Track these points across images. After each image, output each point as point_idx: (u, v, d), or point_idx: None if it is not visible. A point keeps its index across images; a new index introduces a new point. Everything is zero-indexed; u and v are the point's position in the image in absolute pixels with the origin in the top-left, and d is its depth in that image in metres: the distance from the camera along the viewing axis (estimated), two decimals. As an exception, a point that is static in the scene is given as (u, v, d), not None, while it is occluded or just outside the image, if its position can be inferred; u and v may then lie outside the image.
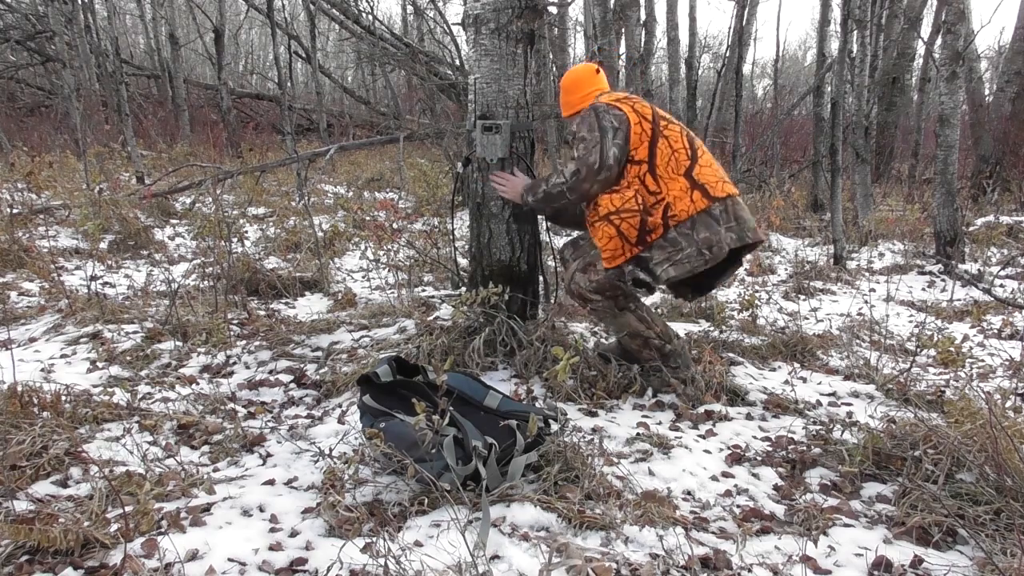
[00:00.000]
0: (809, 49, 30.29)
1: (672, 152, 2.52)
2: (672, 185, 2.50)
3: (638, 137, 2.51)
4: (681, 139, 2.56)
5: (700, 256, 2.48)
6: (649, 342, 2.70)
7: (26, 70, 12.04)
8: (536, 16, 2.81)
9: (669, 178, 2.51)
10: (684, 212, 2.48)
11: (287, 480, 2.00)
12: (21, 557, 1.58)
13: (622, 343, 2.76)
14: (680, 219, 2.48)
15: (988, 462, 1.88)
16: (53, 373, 2.73)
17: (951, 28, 5.03)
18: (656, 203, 2.51)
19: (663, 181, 2.51)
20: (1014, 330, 3.65)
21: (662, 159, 2.51)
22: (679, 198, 2.49)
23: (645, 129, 2.52)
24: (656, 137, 2.52)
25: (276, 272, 4.17)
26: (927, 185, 8.59)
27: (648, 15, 8.18)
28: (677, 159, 2.52)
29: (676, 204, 2.49)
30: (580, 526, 1.76)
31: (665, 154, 2.52)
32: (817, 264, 5.13)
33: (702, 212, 2.48)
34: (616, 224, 2.52)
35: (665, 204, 2.50)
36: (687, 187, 2.50)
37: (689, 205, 2.48)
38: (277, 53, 8.52)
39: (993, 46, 22.10)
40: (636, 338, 2.70)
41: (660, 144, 2.52)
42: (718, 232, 2.47)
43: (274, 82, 18.13)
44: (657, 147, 2.52)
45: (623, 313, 2.68)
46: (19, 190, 5.75)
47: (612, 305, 2.67)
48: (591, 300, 2.69)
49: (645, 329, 2.69)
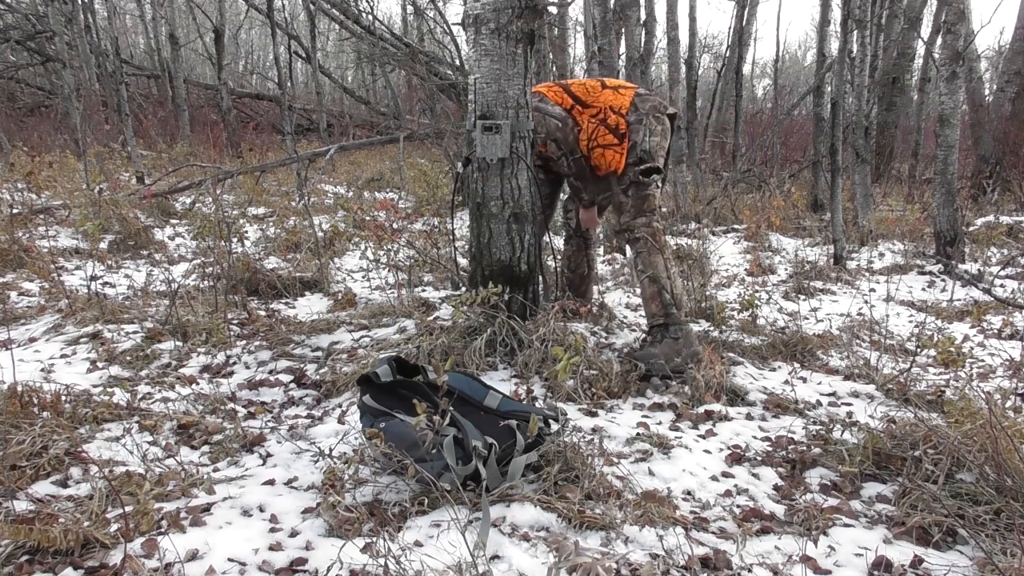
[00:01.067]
0: (809, 49, 30.31)
1: (585, 87, 3.14)
2: (601, 98, 3.09)
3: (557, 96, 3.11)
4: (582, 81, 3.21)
5: (658, 120, 3.05)
6: (662, 295, 2.95)
7: (26, 70, 12.04)
8: (536, 16, 2.81)
9: (595, 98, 3.09)
10: (623, 103, 3.06)
11: (287, 480, 2.00)
12: (21, 557, 1.58)
13: (643, 286, 3.05)
14: (625, 106, 3.05)
15: (988, 462, 1.88)
16: (53, 373, 2.73)
17: (951, 28, 5.03)
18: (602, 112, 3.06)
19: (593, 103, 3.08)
20: (1014, 330, 3.65)
21: (582, 94, 3.10)
22: (612, 100, 3.07)
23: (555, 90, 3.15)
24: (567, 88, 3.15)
25: (276, 272, 4.16)
26: (927, 185, 8.59)
27: (648, 15, 8.17)
28: (591, 87, 3.12)
29: (615, 103, 3.06)
30: (580, 526, 1.76)
31: (581, 90, 3.12)
32: (817, 264, 5.13)
33: (634, 96, 3.07)
34: (597, 144, 3.05)
35: (607, 107, 3.06)
36: (612, 93, 3.09)
37: (621, 98, 3.07)
38: (277, 53, 8.52)
39: (993, 46, 22.11)
40: (654, 284, 2.97)
41: (574, 87, 3.14)
42: (654, 99, 3.09)
43: (274, 82, 18.13)
44: (572, 90, 3.12)
45: (658, 252, 3.00)
46: (19, 190, 5.75)
47: (654, 234, 3.01)
48: (636, 227, 3.03)
49: (666, 279, 2.97)
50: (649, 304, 2.99)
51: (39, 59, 11.21)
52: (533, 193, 3.01)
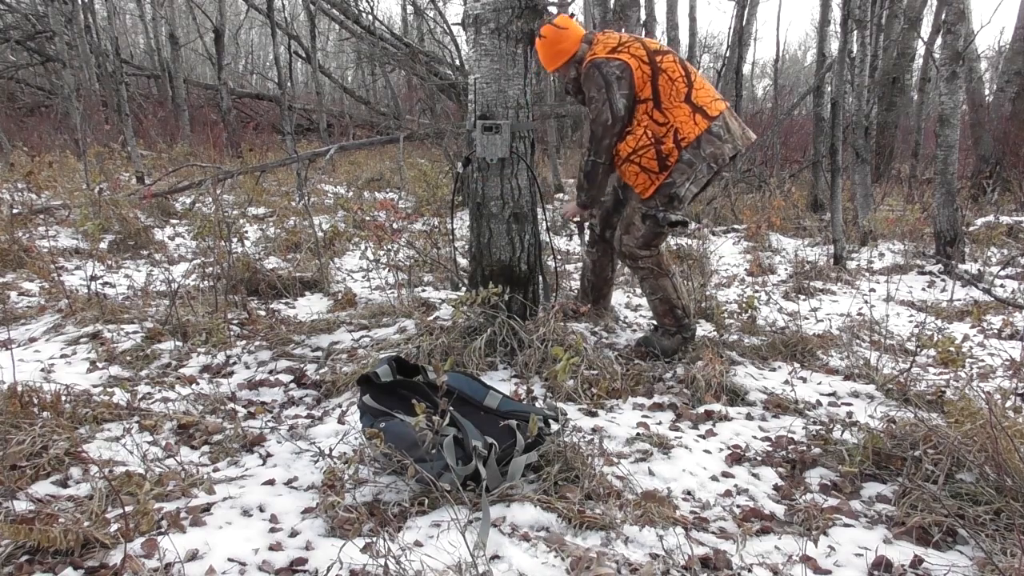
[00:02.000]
0: (809, 49, 30.31)
1: (672, 83, 2.81)
2: (676, 113, 2.81)
3: (641, 80, 2.78)
4: (677, 68, 2.84)
5: (709, 169, 2.84)
6: (674, 311, 3.03)
7: (26, 70, 12.04)
8: (536, 16, 2.81)
9: (673, 107, 2.81)
10: (691, 134, 2.79)
11: (287, 480, 2.00)
12: (21, 557, 1.58)
13: (653, 304, 3.07)
14: (689, 140, 2.79)
15: (988, 462, 1.88)
16: (53, 373, 2.73)
17: (951, 28, 5.03)
18: (666, 132, 2.81)
19: (668, 111, 2.81)
20: (1014, 330, 3.65)
21: (664, 92, 2.80)
22: (684, 123, 2.80)
23: (645, 71, 2.79)
24: (656, 74, 2.79)
25: (276, 272, 4.16)
26: (927, 185, 8.59)
27: (648, 15, 8.18)
28: (677, 88, 2.81)
29: (683, 128, 2.80)
30: (580, 526, 1.76)
31: (667, 87, 2.80)
32: (817, 264, 5.13)
33: (705, 132, 2.80)
34: (637, 162, 2.84)
35: (674, 130, 2.80)
36: (690, 112, 2.81)
37: (693, 127, 2.80)
38: (277, 53, 8.52)
39: (993, 46, 22.12)
40: (665, 303, 3.02)
41: (661, 79, 2.79)
42: (720, 146, 2.82)
43: (274, 82, 18.13)
44: (659, 82, 2.79)
45: (664, 277, 3.01)
46: (19, 190, 5.75)
47: (659, 263, 2.99)
48: (640, 256, 2.98)
49: (676, 298, 3.02)
50: (662, 319, 3.06)
51: (39, 59, 11.21)
52: (533, 193, 3.01)
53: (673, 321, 3.03)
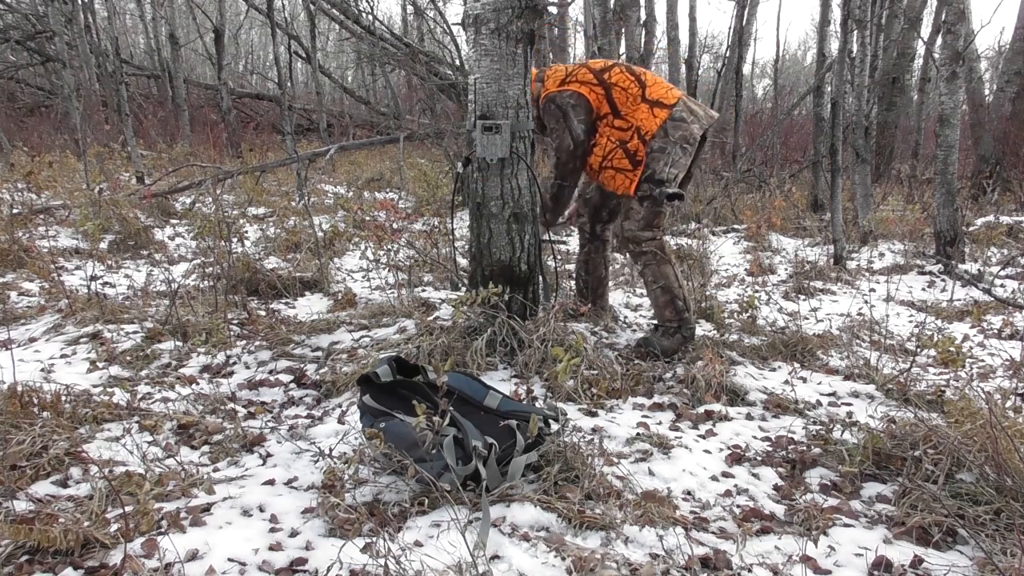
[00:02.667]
0: (809, 49, 30.30)
1: (625, 91, 2.99)
2: (636, 114, 2.97)
3: (596, 101, 3.00)
4: (626, 76, 3.01)
5: (683, 150, 2.94)
6: (675, 303, 3.03)
7: (26, 70, 12.04)
8: (536, 16, 2.81)
9: (631, 111, 2.98)
10: (652, 127, 2.93)
11: (287, 480, 2.00)
12: (21, 557, 1.58)
13: (654, 295, 3.08)
14: (652, 132, 2.93)
15: (988, 462, 1.88)
16: (53, 373, 2.73)
17: (951, 28, 5.03)
18: (630, 133, 2.96)
19: (628, 116, 2.98)
20: (1014, 330, 3.65)
21: (620, 102, 2.98)
22: (644, 120, 2.95)
23: (598, 92, 3.00)
24: (608, 90, 2.99)
25: (276, 272, 4.16)
26: (927, 185, 8.59)
27: (648, 15, 8.18)
28: (631, 94, 2.98)
29: (644, 124, 2.94)
30: (580, 526, 1.76)
31: (621, 97, 2.99)
32: (817, 264, 5.13)
33: (667, 120, 2.93)
34: (609, 166, 3.01)
35: (635, 129, 2.95)
36: (647, 109, 2.96)
37: (654, 121, 2.93)
38: (277, 53, 8.51)
39: (993, 46, 22.10)
40: (667, 293, 3.03)
41: (614, 92, 2.99)
42: (687, 127, 2.94)
43: (274, 82, 18.13)
44: (613, 96, 2.98)
45: (667, 264, 3.03)
46: (19, 190, 5.75)
47: (661, 247, 3.02)
48: (643, 240, 3.01)
49: (678, 288, 3.04)
50: (663, 311, 3.06)
51: (39, 59, 11.21)
52: (533, 193, 3.01)
53: (674, 314, 3.03)
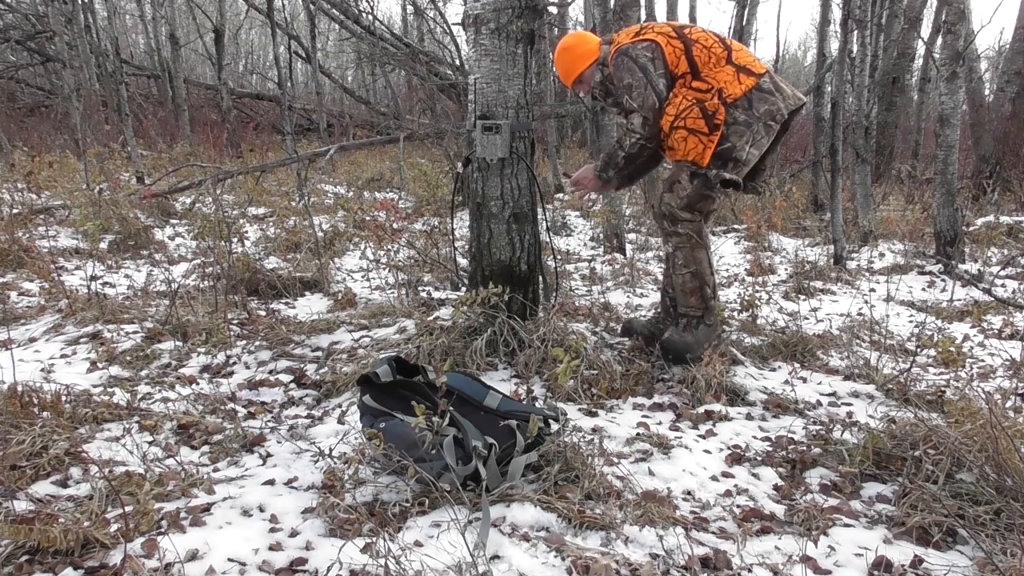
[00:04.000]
0: (809, 49, 30.30)
1: (707, 50, 2.70)
2: (719, 75, 2.68)
3: (674, 55, 2.69)
4: (709, 36, 2.74)
5: (768, 128, 2.68)
6: (703, 290, 2.87)
7: (26, 70, 12.05)
8: (536, 16, 2.81)
9: (714, 72, 2.68)
10: (737, 91, 2.65)
11: (287, 480, 2.00)
12: (21, 557, 1.58)
13: (682, 279, 2.88)
14: (735, 96, 2.64)
15: (988, 462, 1.88)
16: (53, 373, 2.73)
17: (951, 28, 5.03)
18: (710, 92, 2.67)
19: (709, 77, 2.68)
20: (1014, 330, 3.65)
21: (701, 61, 2.69)
22: (729, 82, 2.66)
23: (676, 46, 2.70)
24: (689, 46, 2.69)
25: (276, 272, 4.16)
26: (927, 185, 8.59)
27: (648, 15, 8.18)
28: (714, 54, 2.69)
29: (728, 87, 2.66)
30: (580, 526, 1.76)
31: (703, 56, 2.69)
32: (817, 264, 5.13)
33: (753, 89, 2.66)
34: (682, 126, 2.68)
35: (718, 90, 2.66)
36: (733, 72, 2.68)
37: (739, 86, 2.66)
38: (277, 53, 8.51)
39: (993, 46, 22.09)
40: (696, 279, 2.86)
41: (695, 50, 2.69)
42: (774, 102, 2.67)
43: (274, 82, 18.13)
44: (693, 54, 2.68)
45: (701, 248, 2.84)
46: (19, 190, 5.75)
47: (699, 230, 2.82)
48: (681, 220, 2.81)
49: (709, 275, 2.87)
50: (688, 298, 2.88)
51: (39, 59, 11.21)
52: (533, 193, 3.01)
53: (700, 301, 2.85)
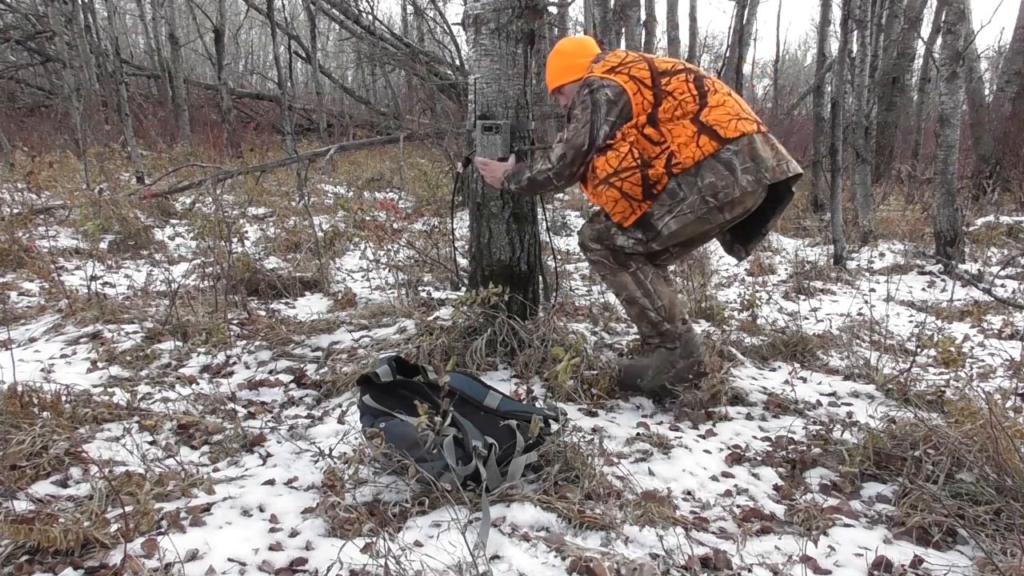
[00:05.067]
0: (809, 49, 30.30)
1: (677, 104, 2.36)
2: (677, 131, 2.34)
3: (640, 106, 2.38)
4: (686, 87, 2.38)
5: (704, 204, 2.33)
6: (646, 314, 2.52)
7: (26, 70, 12.04)
8: (536, 16, 2.81)
9: (673, 123, 2.35)
10: (689, 159, 2.32)
11: (287, 480, 2.00)
12: (21, 557, 1.58)
13: (624, 307, 2.64)
14: (685, 166, 2.33)
15: (988, 462, 1.88)
16: (53, 373, 2.73)
17: (951, 28, 5.03)
18: (659, 153, 2.36)
19: (666, 127, 2.36)
20: (1014, 330, 3.65)
21: (665, 112, 2.37)
22: (684, 144, 2.33)
23: (646, 97, 2.37)
24: (659, 100, 2.37)
25: (276, 272, 4.16)
26: (927, 185, 8.59)
27: (648, 15, 8.19)
28: (684, 107, 2.36)
29: (681, 151, 2.33)
30: (580, 526, 1.76)
31: (669, 110, 2.36)
32: (817, 264, 5.13)
33: (709, 157, 2.31)
34: (618, 186, 2.38)
35: (669, 153, 2.34)
36: (694, 132, 2.33)
37: (695, 151, 2.32)
38: (277, 53, 8.52)
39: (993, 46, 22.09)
40: (633, 305, 2.55)
41: (664, 104, 2.37)
42: (727, 176, 2.30)
43: (274, 82, 18.13)
44: (660, 109, 2.37)
45: (621, 271, 2.53)
46: (19, 190, 5.75)
47: (610, 256, 2.53)
48: (590, 249, 2.58)
49: (642, 297, 2.52)
50: (639, 325, 2.61)
51: (39, 59, 11.20)
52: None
53: (650, 327, 2.53)
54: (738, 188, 2.32)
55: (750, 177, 2.31)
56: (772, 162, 2.35)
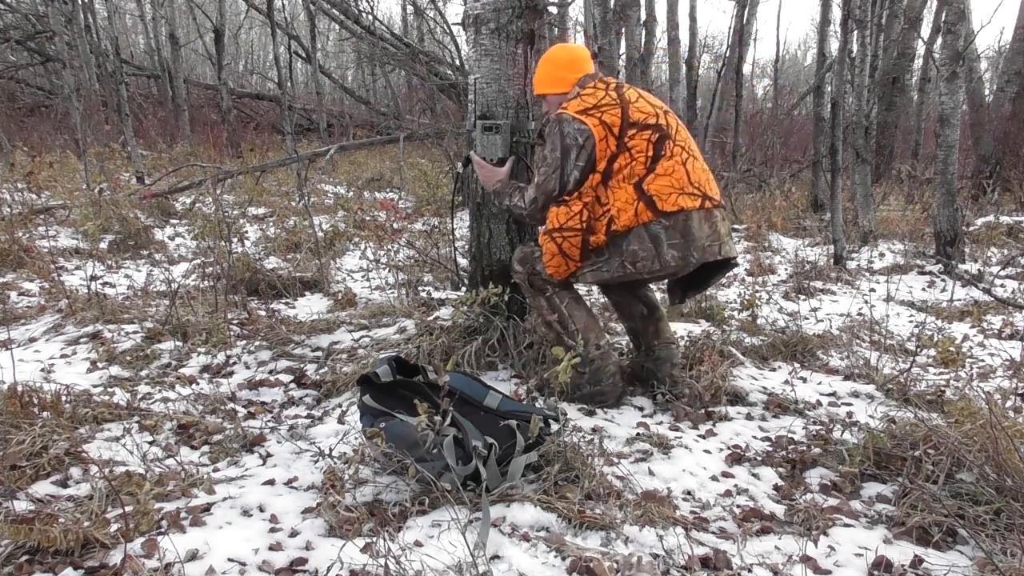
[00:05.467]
0: (809, 49, 30.30)
1: (630, 162, 2.38)
2: (619, 195, 2.39)
3: (603, 152, 2.38)
4: (645, 146, 2.38)
5: (622, 268, 2.41)
6: (562, 339, 2.54)
7: (26, 70, 12.04)
8: (536, 16, 2.80)
9: (618, 187, 2.39)
10: (624, 225, 2.38)
11: (287, 480, 2.00)
12: (21, 557, 1.58)
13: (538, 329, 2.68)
14: (619, 232, 2.39)
15: (988, 462, 1.88)
16: (53, 373, 2.73)
17: (951, 28, 5.03)
18: (602, 215, 2.42)
19: (612, 190, 2.40)
20: (1014, 330, 3.65)
21: (618, 168, 2.39)
22: (623, 210, 2.38)
23: (610, 145, 2.38)
24: (619, 152, 2.39)
25: (276, 272, 4.17)
26: (927, 185, 8.59)
27: (648, 15, 8.18)
28: (632, 168, 2.38)
29: (619, 217, 2.38)
30: (580, 526, 1.76)
31: (622, 164, 2.38)
32: (817, 264, 5.13)
33: (640, 226, 2.36)
34: (558, 242, 2.46)
35: (609, 217, 2.40)
36: (633, 198, 2.36)
37: (631, 218, 2.37)
38: (277, 53, 8.52)
39: (993, 46, 22.10)
40: (550, 328, 2.58)
41: (620, 159, 2.38)
42: (651, 249, 2.37)
43: (274, 82, 18.13)
44: (615, 163, 2.39)
45: (537, 295, 2.60)
46: (19, 190, 5.75)
47: (527, 280, 2.61)
48: (514, 270, 2.66)
49: (556, 321, 2.56)
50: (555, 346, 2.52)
51: (39, 59, 11.21)
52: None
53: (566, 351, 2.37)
54: (659, 262, 2.37)
55: (676, 253, 2.37)
56: (705, 242, 2.39)
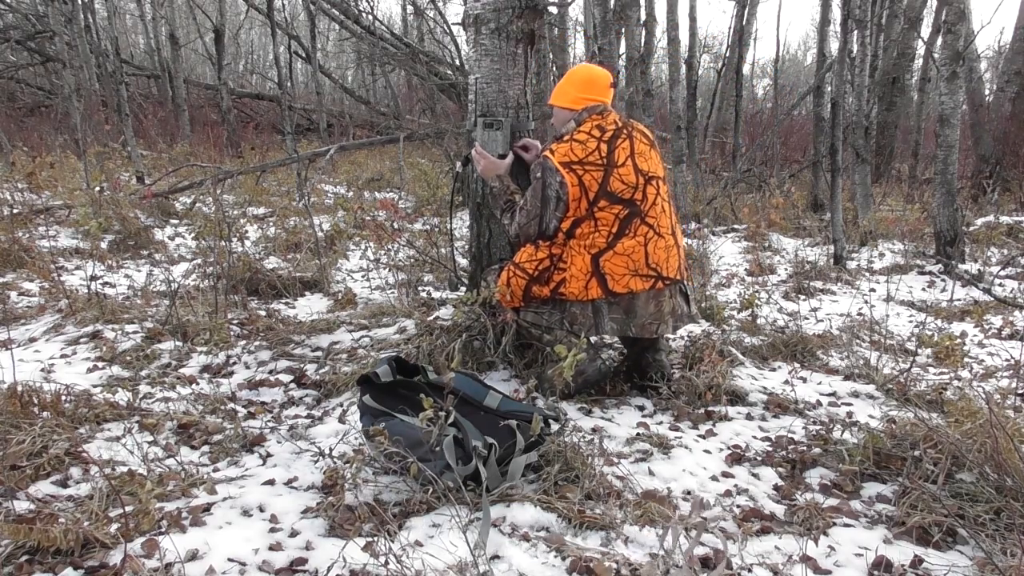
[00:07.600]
0: (809, 49, 30.30)
1: (593, 232, 2.47)
2: (576, 261, 2.48)
3: (572, 211, 2.47)
4: (612, 221, 2.47)
5: (560, 323, 2.54)
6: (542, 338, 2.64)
7: (26, 70, 12.04)
8: (536, 16, 2.81)
9: (577, 252, 2.49)
10: (572, 294, 2.50)
11: (287, 480, 2.00)
12: (21, 557, 1.58)
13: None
14: (564, 295, 2.52)
15: (988, 462, 1.89)
16: (53, 373, 2.73)
17: (951, 28, 5.03)
18: (555, 272, 2.52)
19: (571, 254, 2.50)
20: (1014, 330, 3.65)
21: (580, 234, 2.49)
22: (576, 278, 2.48)
23: (581, 207, 2.46)
24: (587, 217, 2.47)
25: (276, 272, 4.16)
26: (927, 185, 8.60)
27: (648, 15, 8.17)
28: (594, 240, 2.47)
29: (570, 283, 2.49)
30: (580, 526, 1.76)
31: (586, 231, 2.48)
32: (817, 264, 5.13)
33: (589, 301, 2.49)
34: (509, 275, 2.61)
35: (562, 279, 2.51)
36: (588, 271, 2.47)
37: (581, 291, 2.48)
38: (277, 53, 8.53)
39: (993, 46, 22.10)
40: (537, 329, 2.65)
41: (584, 226, 2.47)
42: (591, 318, 2.50)
43: (274, 82, 18.13)
44: (582, 225, 2.48)
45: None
46: (19, 190, 5.75)
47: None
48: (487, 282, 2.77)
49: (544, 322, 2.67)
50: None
51: (39, 59, 11.20)
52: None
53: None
54: (597, 330, 2.52)
55: (615, 326, 2.51)
56: (646, 320, 2.51)
